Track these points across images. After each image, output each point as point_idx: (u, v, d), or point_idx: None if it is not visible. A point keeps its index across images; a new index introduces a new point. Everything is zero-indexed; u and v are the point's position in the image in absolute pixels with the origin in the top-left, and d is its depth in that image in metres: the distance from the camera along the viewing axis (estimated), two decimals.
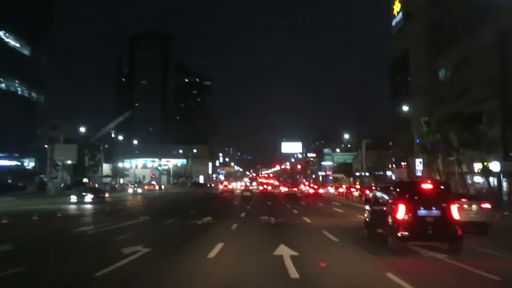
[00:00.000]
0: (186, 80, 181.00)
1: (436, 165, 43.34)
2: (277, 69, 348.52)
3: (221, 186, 64.88)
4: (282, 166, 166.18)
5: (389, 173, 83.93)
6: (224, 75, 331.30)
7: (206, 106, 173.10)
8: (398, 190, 12.33)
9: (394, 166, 76.42)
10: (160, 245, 13.05)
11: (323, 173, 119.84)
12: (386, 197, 12.97)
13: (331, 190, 62.97)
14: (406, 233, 11.11)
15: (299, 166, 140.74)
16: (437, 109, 48.25)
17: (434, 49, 59.98)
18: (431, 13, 61.38)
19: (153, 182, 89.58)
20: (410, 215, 11.20)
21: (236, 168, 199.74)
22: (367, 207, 15.05)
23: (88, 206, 32.26)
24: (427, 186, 11.86)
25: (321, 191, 54.14)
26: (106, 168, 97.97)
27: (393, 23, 78.93)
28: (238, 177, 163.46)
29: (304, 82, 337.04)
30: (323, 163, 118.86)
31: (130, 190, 56.98)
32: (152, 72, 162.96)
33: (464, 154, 38.11)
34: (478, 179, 41.81)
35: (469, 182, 40.76)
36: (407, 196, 11.69)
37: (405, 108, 63.42)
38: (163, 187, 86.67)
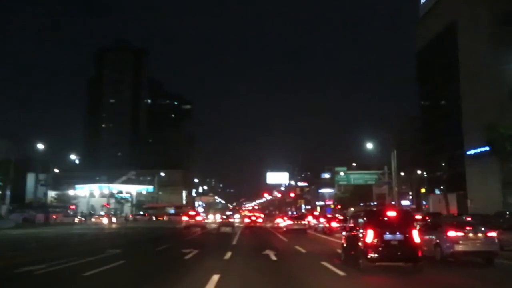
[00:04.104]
0: (163, 102, 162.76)
1: None
2: (263, 97, 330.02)
3: (185, 218, 42.51)
4: (270, 197, 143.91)
5: (405, 202, 62.85)
6: (205, 102, 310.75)
7: (185, 132, 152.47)
8: (367, 217, 13.08)
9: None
10: None
11: (322, 203, 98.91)
12: (357, 223, 13.55)
13: None
14: (375, 255, 11.94)
15: (292, 195, 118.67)
16: None
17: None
18: None
19: (102, 213, 67.02)
20: (377, 239, 12.01)
21: (218, 199, 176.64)
22: (343, 233, 15.89)
23: None
24: (391, 213, 12.90)
25: None
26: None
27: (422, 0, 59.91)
28: (219, 209, 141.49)
29: (294, 107, 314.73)
30: (322, 190, 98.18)
31: None
32: (122, 90, 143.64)
33: None
34: None
35: None
36: (375, 222, 12.45)
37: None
38: (114, 219, 64.04)
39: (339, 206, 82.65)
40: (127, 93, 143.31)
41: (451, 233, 14.47)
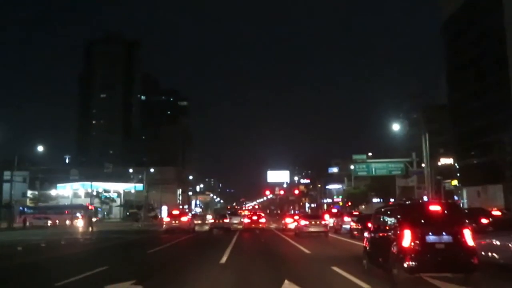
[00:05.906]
0: (158, 98, 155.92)
1: None
2: (262, 94, 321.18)
3: (167, 219, 33.83)
4: (272, 195, 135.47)
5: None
6: (203, 99, 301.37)
7: (181, 129, 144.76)
8: (402, 213, 9.82)
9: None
10: None
11: (329, 200, 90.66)
12: (388, 222, 10.55)
13: None
14: (414, 263, 8.72)
15: (296, 192, 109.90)
16: None
17: None
18: None
19: (78, 215, 58.44)
20: (417, 242, 8.89)
21: (216, 198, 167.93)
22: (366, 234, 12.69)
23: None
24: (435, 207, 9.73)
25: None
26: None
27: None
28: (218, 208, 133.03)
29: (296, 101, 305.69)
30: (330, 186, 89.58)
31: None
32: (113, 85, 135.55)
33: None
34: None
35: None
36: (413, 220, 9.27)
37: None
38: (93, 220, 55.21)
39: (349, 203, 74.10)
40: (119, 88, 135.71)
41: None
